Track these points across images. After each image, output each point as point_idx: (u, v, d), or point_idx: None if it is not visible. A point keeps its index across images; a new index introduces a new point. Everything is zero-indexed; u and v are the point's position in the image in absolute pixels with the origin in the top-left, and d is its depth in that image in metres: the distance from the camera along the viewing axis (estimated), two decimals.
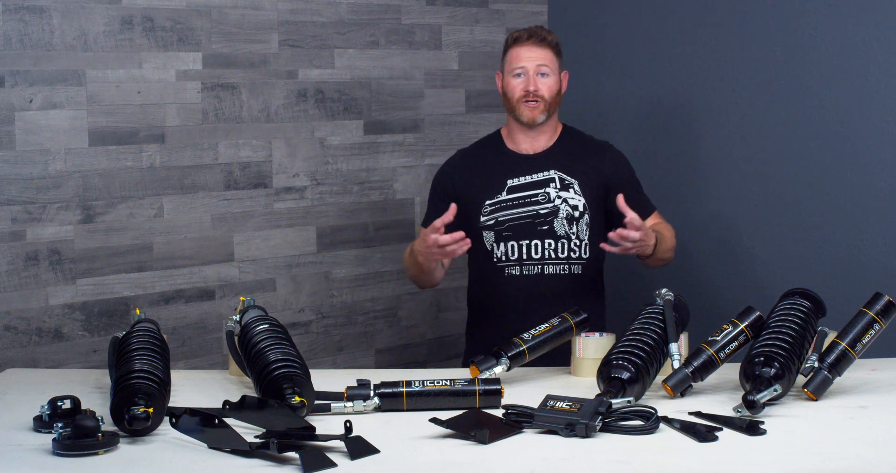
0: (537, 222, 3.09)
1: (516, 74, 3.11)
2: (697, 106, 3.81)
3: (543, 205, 3.09)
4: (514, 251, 3.10)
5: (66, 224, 3.24)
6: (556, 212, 3.09)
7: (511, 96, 3.12)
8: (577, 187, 3.11)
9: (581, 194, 3.10)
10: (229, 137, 3.52)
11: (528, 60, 3.10)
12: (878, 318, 2.48)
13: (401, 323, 3.96)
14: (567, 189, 3.11)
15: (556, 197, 3.09)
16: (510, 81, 3.12)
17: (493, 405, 2.34)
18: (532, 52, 3.10)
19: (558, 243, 3.08)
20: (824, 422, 2.27)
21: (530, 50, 3.11)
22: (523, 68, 3.10)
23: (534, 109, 3.10)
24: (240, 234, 3.57)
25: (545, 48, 3.11)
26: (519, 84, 3.10)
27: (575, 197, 3.10)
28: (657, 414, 2.21)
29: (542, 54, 3.11)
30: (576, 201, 3.10)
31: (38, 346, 3.21)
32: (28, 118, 3.16)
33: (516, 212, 3.10)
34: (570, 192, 3.10)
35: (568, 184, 3.11)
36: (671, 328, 2.49)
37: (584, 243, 3.10)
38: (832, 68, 3.46)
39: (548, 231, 3.09)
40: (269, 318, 2.51)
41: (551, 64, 3.11)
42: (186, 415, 2.15)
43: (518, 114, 3.12)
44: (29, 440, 2.17)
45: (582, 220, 3.09)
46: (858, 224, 3.43)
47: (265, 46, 3.58)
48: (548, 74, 3.10)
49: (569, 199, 3.09)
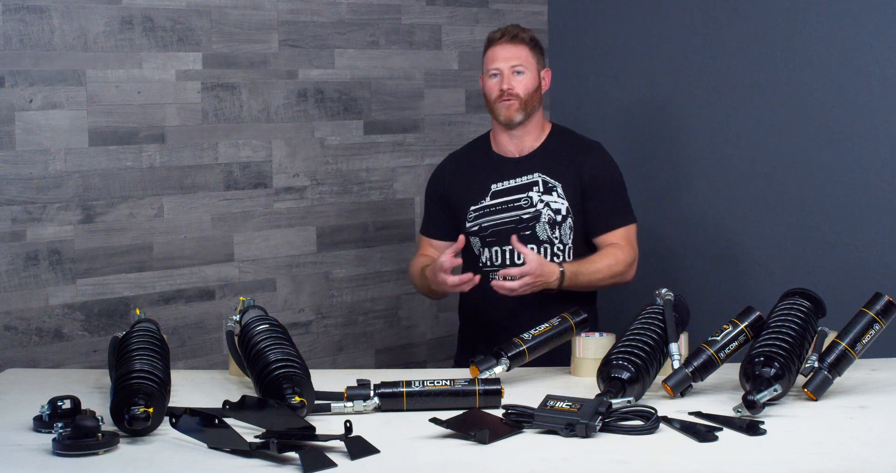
0: (520, 227, 3.07)
1: (492, 75, 3.10)
2: (698, 106, 3.81)
3: (526, 210, 3.08)
4: (498, 256, 3.09)
5: (66, 224, 3.24)
6: (538, 216, 3.07)
7: (489, 97, 3.11)
8: (561, 189, 3.08)
9: (565, 197, 3.08)
10: (229, 137, 3.52)
11: (503, 59, 3.08)
12: (878, 318, 2.47)
13: (401, 323, 3.96)
14: (550, 193, 3.08)
15: (539, 201, 3.07)
16: (487, 82, 3.11)
17: (493, 406, 2.34)
18: (506, 52, 3.09)
19: (541, 248, 3.06)
20: (824, 422, 2.27)
21: (504, 49, 3.09)
22: (498, 69, 3.08)
23: (509, 108, 3.07)
24: (240, 234, 3.57)
25: (519, 45, 3.09)
26: (494, 84, 3.09)
27: (558, 201, 3.08)
28: (657, 414, 2.21)
29: (515, 52, 3.08)
30: (559, 204, 3.07)
31: (38, 346, 3.21)
32: (28, 118, 3.16)
33: (499, 217, 3.09)
34: (554, 195, 3.08)
35: (551, 187, 3.09)
36: (671, 328, 2.49)
37: (567, 246, 3.08)
38: (831, 68, 3.46)
39: (530, 236, 3.07)
40: (269, 318, 2.51)
41: (526, 61, 3.08)
42: (186, 415, 2.15)
43: (496, 114, 3.10)
44: (29, 440, 2.17)
45: (565, 224, 3.07)
46: (858, 224, 3.43)
47: (265, 46, 3.58)
48: (523, 72, 3.08)
49: (551, 203, 3.07)
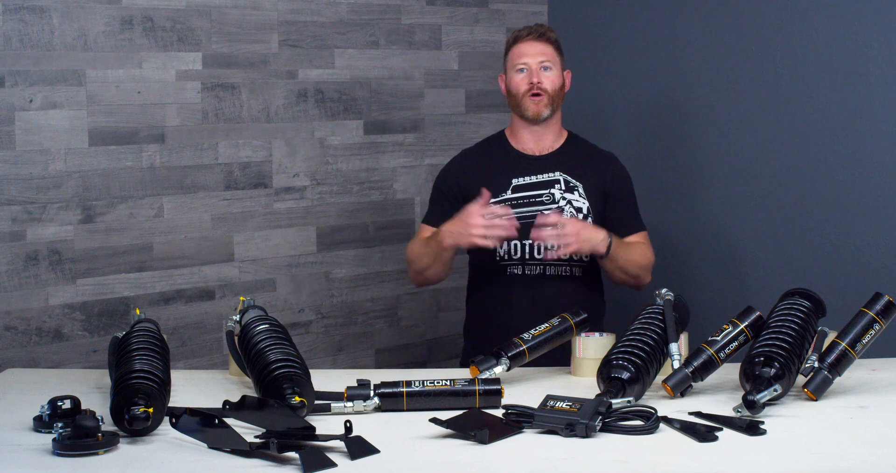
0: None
1: (519, 70, 3.12)
2: (698, 106, 3.81)
3: (548, 205, 3.09)
4: (517, 250, 3.09)
5: (66, 224, 3.24)
6: (561, 213, 3.08)
7: (516, 92, 3.12)
8: (582, 190, 3.11)
9: (585, 197, 3.10)
10: (229, 137, 3.52)
11: (531, 55, 3.11)
12: (878, 318, 2.47)
13: (401, 323, 3.96)
14: (572, 191, 3.10)
15: (561, 198, 3.09)
16: (514, 77, 3.12)
17: (493, 406, 2.34)
18: (533, 48, 3.11)
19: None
20: (824, 422, 2.27)
21: (531, 46, 3.12)
22: (526, 64, 3.11)
23: (538, 103, 3.10)
24: (240, 234, 3.57)
25: (546, 44, 3.13)
26: (523, 79, 3.11)
27: (579, 200, 3.10)
28: (657, 414, 2.21)
29: (543, 49, 3.12)
30: (580, 203, 3.09)
31: (38, 346, 3.21)
32: (28, 118, 3.16)
33: (520, 211, 3.09)
34: (575, 194, 3.10)
35: (573, 186, 3.11)
36: (671, 328, 2.49)
37: None
38: (832, 69, 3.46)
39: None
40: (269, 318, 2.51)
41: (553, 59, 3.12)
42: (186, 415, 2.15)
43: (523, 109, 3.11)
44: (29, 440, 2.17)
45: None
46: (858, 224, 3.43)
47: (265, 46, 3.58)
48: (550, 68, 3.11)
49: (573, 200, 3.09)
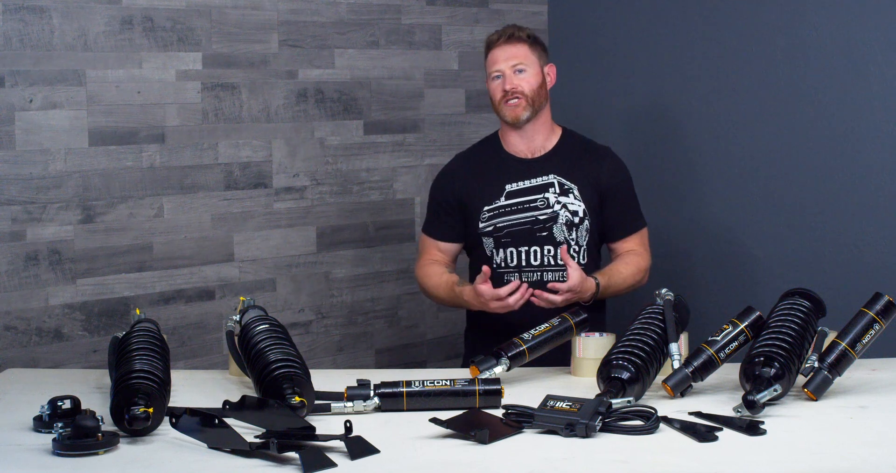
0: (536, 228, 3.08)
1: (494, 77, 3.10)
2: (697, 106, 3.81)
3: (542, 211, 3.08)
4: (513, 258, 3.09)
5: (66, 224, 3.24)
6: (556, 218, 3.07)
7: (494, 99, 3.11)
8: (577, 191, 3.09)
9: (580, 199, 3.09)
10: (229, 137, 3.52)
11: (503, 60, 3.08)
12: (878, 318, 2.48)
13: (401, 323, 3.95)
14: (566, 194, 3.09)
15: (556, 203, 3.08)
16: (491, 85, 3.12)
17: (493, 406, 2.34)
18: (505, 52, 3.09)
19: (558, 250, 3.07)
20: (824, 422, 2.27)
21: (503, 50, 3.09)
22: (499, 70, 3.08)
23: (515, 107, 3.08)
24: (240, 234, 3.57)
25: (518, 44, 3.09)
26: (497, 86, 3.09)
27: (574, 203, 3.08)
28: (657, 414, 2.21)
29: (514, 51, 3.08)
30: (575, 206, 3.08)
31: (38, 346, 3.21)
32: (28, 118, 3.16)
33: (515, 218, 3.09)
34: (570, 197, 3.09)
35: (567, 189, 3.09)
36: (671, 328, 2.49)
37: (582, 248, 3.08)
38: (832, 69, 3.46)
39: (547, 237, 3.07)
40: (269, 318, 2.51)
41: (527, 59, 3.08)
42: (186, 415, 2.15)
43: (502, 115, 3.10)
44: (29, 440, 2.17)
45: (581, 226, 3.07)
46: (858, 224, 3.43)
47: (265, 46, 3.58)
48: (525, 70, 3.08)
49: (568, 204, 3.08)
